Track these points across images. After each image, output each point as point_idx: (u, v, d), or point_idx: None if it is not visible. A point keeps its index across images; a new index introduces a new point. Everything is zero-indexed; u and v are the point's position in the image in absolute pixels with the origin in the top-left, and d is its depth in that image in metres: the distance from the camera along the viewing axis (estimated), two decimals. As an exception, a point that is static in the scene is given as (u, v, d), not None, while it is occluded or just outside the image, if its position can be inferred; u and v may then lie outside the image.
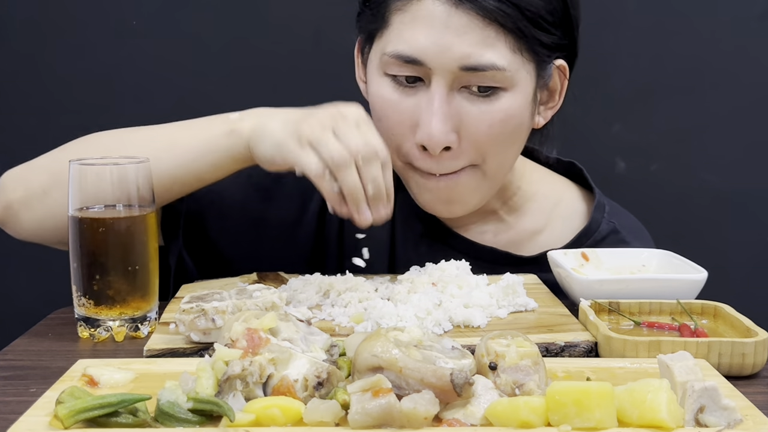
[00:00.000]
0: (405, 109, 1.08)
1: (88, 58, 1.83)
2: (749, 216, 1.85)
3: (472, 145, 1.07)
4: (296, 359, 0.70)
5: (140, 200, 0.95)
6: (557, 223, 1.25)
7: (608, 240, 1.22)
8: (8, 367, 0.86)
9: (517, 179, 1.25)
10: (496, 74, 1.04)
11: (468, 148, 1.08)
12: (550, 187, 1.28)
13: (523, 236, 1.24)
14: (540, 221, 1.25)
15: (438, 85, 1.04)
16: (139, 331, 0.95)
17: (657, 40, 1.80)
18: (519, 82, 1.07)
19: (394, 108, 1.08)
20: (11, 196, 1.08)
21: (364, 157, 0.94)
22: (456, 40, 1.02)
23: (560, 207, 1.26)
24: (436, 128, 1.04)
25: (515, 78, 1.06)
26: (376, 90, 1.11)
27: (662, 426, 0.63)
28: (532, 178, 1.27)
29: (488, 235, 1.23)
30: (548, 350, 0.87)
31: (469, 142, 1.07)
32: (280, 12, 1.83)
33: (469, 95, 1.06)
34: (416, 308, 0.94)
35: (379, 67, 1.10)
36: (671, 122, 1.83)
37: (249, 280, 1.12)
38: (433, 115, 1.04)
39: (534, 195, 1.26)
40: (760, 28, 1.79)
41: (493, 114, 1.06)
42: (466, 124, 1.06)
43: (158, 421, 0.66)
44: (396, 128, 1.09)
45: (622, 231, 1.24)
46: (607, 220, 1.23)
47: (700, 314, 0.96)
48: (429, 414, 0.64)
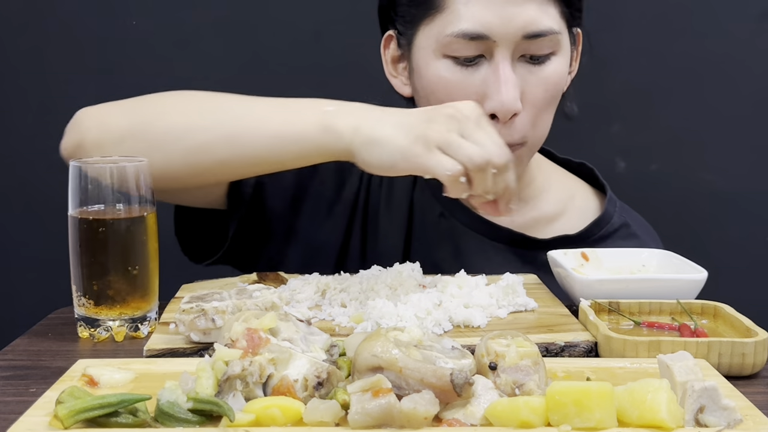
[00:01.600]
0: (470, 84, 1.11)
1: (88, 58, 1.83)
2: (749, 216, 1.85)
3: (530, 111, 1.12)
4: (296, 359, 0.70)
5: (140, 200, 0.96)
6: (573, 214, 1.28)
7: (620, 232, 1.26)
8: (8, 367, 0.86)
9: (534, 169, 1.28)
10: (552, 38, 1.10)
11: (526, 116, 1.12)
12: (564, 181, 1.32)
13: (540, 222, 1.27)
14: (557, 209, 1.28)
15: (502, 56, 1.09)
16: (139, 331, 0.95)
17: (657, 40, 1.80)
18: (565, 46, 1.14)
19: (459, 86, 1.11)
20: (86, 135, 1.07)
21: (500, 165, 0.95)
22: (516, 10, 1.08)
23: (575, 200, 1.30)
24: (507, 95, 1.08)
25: (563, 42, 1.13)
26: (435, 72, 1.13)
27: (662, 426, 0.63)
28: (548, 172, 1.31)
29: (505, 218, 1.24)
30: (548, 350, 0.87)
31: (527, 109, 1.12)
32: (280, 12, 1.83)
33: (526, 63, 1.11)
34: (416, 308, 0.94)
35: (437, 50, 1.12)
36: (671, 122, 1.83)
37: (249, 280, 1.12)
38: (504, 83, 1.08)
39: (550, 187, 1.29)
40: (760, 28, 1.79)
41: (548, 78, 1.12)
42: (527, 92, 1.11)
43: (158, 421, 0.66)
44: None
45: (632, 225, 1.28)
46: (618, 214, 1.28)
47: (700, 314, 0.96)
48: (429, 414, 0.64)
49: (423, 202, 1.25)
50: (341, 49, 1.80)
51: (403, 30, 1.17)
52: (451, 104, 0.99)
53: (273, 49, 1.84)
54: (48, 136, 1.85)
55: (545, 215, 1.27)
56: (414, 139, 0.95)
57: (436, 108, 0.99)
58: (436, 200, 1.25)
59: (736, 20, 1.79)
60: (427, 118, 0.97)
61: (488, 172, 0.94)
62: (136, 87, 1.83)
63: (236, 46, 1.83)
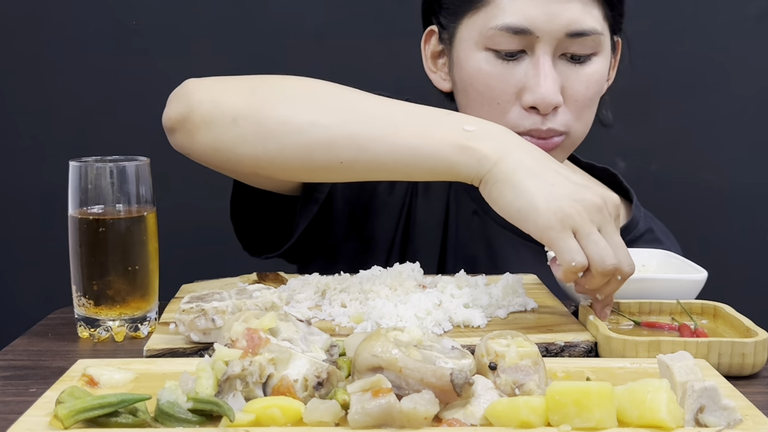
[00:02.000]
0: (510, 77, 1.13)
1: (88, 58, 1.83)
2: (749, 216, 1.85)
3: (571, 106, 1.14)
4: (296, 359, 0.70)
5: (140, 200, 0.96)
6: None
7: (645, 238, 1.28)
8: (8, 367, 0.86)
9: None
10: (595, 38, 1.12)
11: (567, 109, 1.14)
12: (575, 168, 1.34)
13: None
14: None
15: (544, 51, 1.11)
16: (139, 331, 0.95)
17: (657, 40, 1.80)
18: (606, 48, 1.16)
19: (499, 78, 1.13)
20: (196, 108, 1.01)
21: (624, 276, 0.89)
22: (561, 7, 1.10)
23: None
24: (547, 88, 1.10)
25: (605, 43, 1.15)
26: (475, 64, 1.14)
27: (662, 426, 0.63)
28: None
29: None
30: (548, 350, 0.87)
31: (569, 103, 1.14)
32: (280, 12, 1.83)
33: (567, 62, 1.14)
34: (416, 308, 0.94)
35: (479, 42, 1.14)
36: (671, 122, 1.83)
37: (249, 280, 1.12)
38: (544, 77, 1.11)
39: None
40: (760, 28, 1.79)
41: (590, 76, 1.14)
42: (567, 87, 1.13)
43: (158, 421, 0.66)
44: (501, 97, 1.14)
45: (656, 231, 1.30)
46: (644, 220, 1.30)
47: (700, 314, 0.96)
48: (429, 414, 0.64)
49: (458, 198, 1.27)
50: (342, 50, 1.80)
51: (446, 23, 1.20)
52: (600, 193, 0.91)
53: (273, 49, 1.84)
54: (48, 136, 1.85)
55: None
56: (554, 210, 0.88)
57: (586, 189, 0.91)
58: (470, 198, 1.26)
59: (736, 20, 1.79)
60: (575, 197, 0.89)
61: (611, 278, 0.89)
62: (136, 87, 1.84)
63: (236, 46, 1.84)
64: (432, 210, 1.27)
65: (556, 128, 1.13)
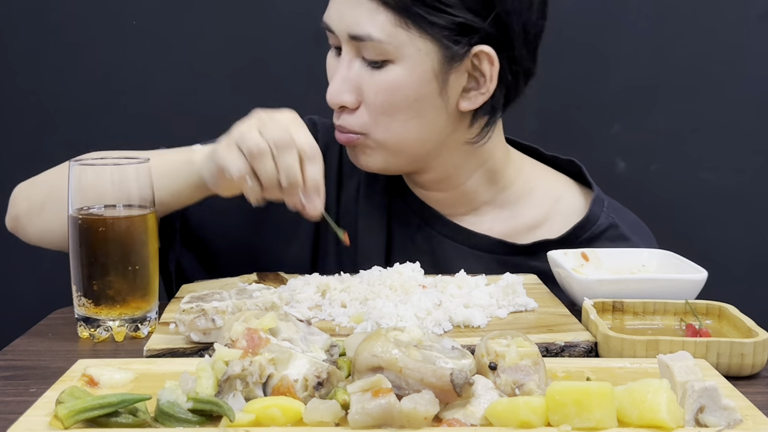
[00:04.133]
0: (332, 72, 1.17)
1: (88, 58, 1.83)
2: (749, 216, 1.85)
3: (368, 110, 1.14)
4: (296, 359, 0.70)
5: (140, 200, 0.95)
6: (557, 219, 1.25)
7: (607, 234, 1.23)
8: (8, 367, 0.86)
9: (514, 173, 1.26)
10: (376, 46, 1.10)
11: (364, 113, 1.14)
12: (551, 183, 1.29)
13: (521, 229, 1.25)
14: (538, 215, 1.26)
15: (344, 50, 1.14)
16: (139, 331, 0.95)
17: (657, 40, 1.80)
18: (407, 57, 1.10)
19: (329, 71, 1.18)
20: (18, 209, 1.17)
21: (278, 146, 0.98)
22: (346, 10, 1.12)
23: (561, 204, 1.27)
24: (333, 87, 1.14)
25: (401, 52, 1.10)
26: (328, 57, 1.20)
27: (662, 426, 0.63)
28: (532, 175, 1.28)
29: (483, 226, 1.25)
30: (548, 350, 0.87)
31: (365, 107, 1.14)
32: (280, 12, 1.83)
33: (363, 63, 1.13)
34: (416, 308, 0.94)
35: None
36: (671, 122, 1.83)
37: (249, 280, 1.12)
38: (334, 77, 1.15)
39: (532, 190, 1.27)
40: (760, 28, 1.79)
41: (379, 83, 1.12)
42: (364, 92, 1.13)
43: (158, 421, 0.66)
44: None
45: (621, 225, 1.24)
46: (606, 214, 1.24)
47: (705, 314, 0.96)
48: (429, 414, 0.64)
49: (401, 215, 1.26)
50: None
51: None
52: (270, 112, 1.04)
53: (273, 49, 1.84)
54: (48, 136, 1.85)
55: (527, 222, 1.25)
56: (222, 142, 1.01)
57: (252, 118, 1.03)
58: (412, 213, 1.25)
59: (736, 20, 1.79)
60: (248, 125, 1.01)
61: (267, 159, 0.98)
62: (136, 87, 1.84)
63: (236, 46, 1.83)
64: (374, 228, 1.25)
65: (345, 126, 1.15)
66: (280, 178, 0.99)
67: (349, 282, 1.05)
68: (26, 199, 1.16)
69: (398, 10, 1.08)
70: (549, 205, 1.26)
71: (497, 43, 1.12)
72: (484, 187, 1.24)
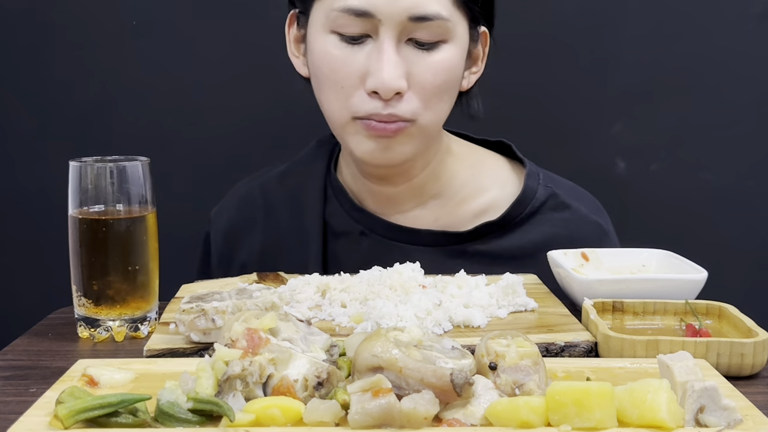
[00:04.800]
0: (353, 61, 1.10)
1: (88, 58, 1.83)
2: (749, 216, 1.85)
3: (418, 93, 1.11)
4: (296, 359, 0.70)
5: (140, 200, 0.95)
6: (500, 202, 1.25)
7: (548, 204, 1.24)
8: (8, 367, 0.86)
9: (455, 161, 1.27)
10: (441, 24, 1.08)
11: (414, 95, 1.11)
12: (491, 169, 1.30)
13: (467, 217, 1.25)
14: (483, 202, 1.26)
15: (387, 35, 1.08)
16: (139, 331, 0.95)
17: (657, 40, 1.80)
18: (457, 35, 1.12)
19: (343, 61, 1.11)
20: None
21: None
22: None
23: (506, 188, 1.27)
24: (388, 74, 1.07)
25: (455, 30, 1.11)
26: (321, 47, 1.12)
27: (662, 426, 0.63)
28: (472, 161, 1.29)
29: (429, 218, 1.25)
30: (548, 350, 0.87)
31: (415, 90, 1.11)
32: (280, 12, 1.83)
33: (414, 48, 1.10)
34: (416, 308, 0.94)
35: (325, 25, 1.12)
36: (671, 122, 1.83)
37: (249, 280, 1.12)
38: (385, 62, 1.08)
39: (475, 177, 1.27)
40: (760, 28, 1.79)
41: (437, 63, 1.10)
42: (414, 74, 1.10)
43: (158, 421, 0.66)
44: (345, 80, 1.11)
45: (560, 194, 1.25)
46: (543, 186, 1.25)
47: (705, 314, 0.96)
48: (429, 414, 0.64)
49: (340, 226, 1.26)
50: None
51: (302, 7, 1.18)
52: None
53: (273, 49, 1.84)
54: (48, 136, 1.85)
55: (472, 210, 1.25)
56: None
57: None
58: (354, 221, 1.25)
59: (736, 20, 1.79)
60: None
61: None
62: (136, 87, 1.83)
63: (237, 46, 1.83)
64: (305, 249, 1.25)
65: (398, 114, 1.10)
66: None
67: (349, 282, 1.05)
68: None
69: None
70: (492, 190, 1.27)
71: (489, 22, 1.18)
72: (431, 180, 1.25)
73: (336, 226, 1.26)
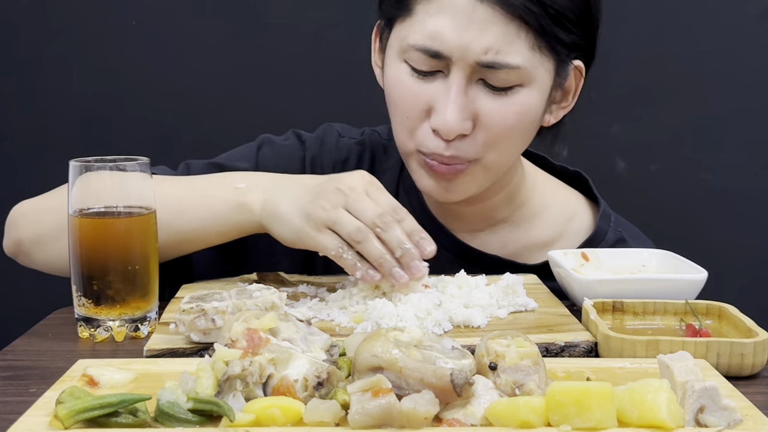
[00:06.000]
0: (422, 93, 1.08)
1: (88, 58, 1.83)
2: (749, 216, 1.85)
3: (484, 136, 1.08)
4: (296, 359, 0.70)
5: (140, 200, 0.95)
6: (569, 238, 1.25)
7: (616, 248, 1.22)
8: (8, 367, 0.86)
9: (529, 188, 1.25)
10: (511, 72, 1.04)
11: (480, 138, 1.08)
12: (564, 201, 1.28)
13: (533, 247, 1.24)
14: (552, 233, 1.25)
15: (456, 75, 1.05)
16: (139, 331, 0.95)
17: (657, 40, 1.80)
18: (537, 79, 1.07)
19: (411, 92, 1.09)
20: (22, 234, 1.11)
21: (383, 225, 0.97)
22: (477, 35, 1.03)
23: (573, 222, 1.26)
24: (451, 116, 1.05)
25: (533, 75, 1.06)
26: (395, 74, 1.11)
27: (662, 426, 0.63)
28: (546, 190, 1.27)
29: (496, 243, 1.23)
30: (548, 350, 0.87)
31: (482, 132, 1.08)
32: (280, 11, 1.83)
33: (484, 88, 1.06)
34: (416, 308, 0.94)
35: (399, 53, 1.10)
36: (671, 122, 1.83)
37: (249, 280, 1.12)
38: (450, 103, 1.05)
39: (548, 207, 1.26)
40: (760, 28, 1.79)
41: (508, 108, 1.07)
42: (482, 116, 1.07)
43: (158, 421, 0.66)
44: (411, 111, 1.10)
45: (628, 240, 1.24)
46: (613, 229, 1.24)
47: (705, 314, 0.96)
48: (429, 414, 0.64)
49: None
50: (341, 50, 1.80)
51: (386, 21, 1.15)
52: (337, 177, 1.02)
53: (273, 49, 1.84)
54: (48, 136, 1.85)
55: (540, 240, 1.24)
56: (306, 219, 1.00)
57: (326, 182, 1.02)
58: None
59: (736, 20, 1.79)
60: (316, 194, 1.00)
61: (371, 242, 0.97)
62: (136, 87, 1.84)
63: (237, 46, 1.83)
64: None
65: (460, 156, 1.08)
66: (395, 254, 0.97)
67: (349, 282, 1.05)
68: (34, 225, 1.10)
69: (538, 32, 1.04)
70: (562, 224, 1.26)
71: (587, 56, 1.13)
72: (504, 203, 1.23)
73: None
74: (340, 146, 1.27)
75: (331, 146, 1.27)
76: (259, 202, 1.04)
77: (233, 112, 1.83)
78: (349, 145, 1.28)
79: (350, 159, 1.26)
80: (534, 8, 1.02)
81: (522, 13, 1.02)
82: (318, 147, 1.26)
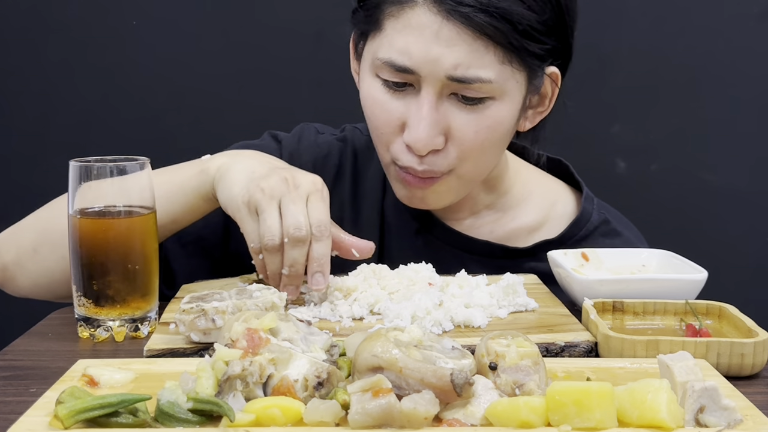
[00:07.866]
0: (394, 109, 1.09)
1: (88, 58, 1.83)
2: (749, 216, 1.85)
3: (457, 150, 1.09)
4: (296, 359, 0.70)
5: (140, 200, 0.95)
6: (554, 222, 1.27)
7: (600, 230, 1.25)
8: (8, 367, 0.86)
9: (512, 177, 1.27)
10: (482, 86, 1.04)
11: (453, 151, 1.09)
12: (547, 188, 1.30)
13: (520, 232, 1.26)
14: (538, 218, 1.27)
15: (427, 92, 1.05)
16: (139, 331, 0.95)
17: (657, 39, 1.80)
18: (508, 92, 1.07)
19: (384, 108, 1.09)
20: (5, 258, 1.11)
21: (292, 240, 0.96)
22: (445, 51, 1.03)
23: (557, 207, 1.28)
24: (423, 132, 1.05)
25: (504, 88, 1.06)
26: (367, 89, 1.12)
27: (662, 426, 0.63)
28: (528, 178, 1.29)
29: (484, 229, 1.25)
30: (548, 350, 0.87)
31: (455, 146, 1.08)
32: (280, 12, 1.83)
33: (457, 102, 1.07)
34: (416, 308, 0.94)
35: (371, 68, 1.10)
36: (671, 122, 1.83)
37: (249, 280, 1.12)
38: (422, 120, 1.05)
39: (530, 194, 1.28)
40: (760, 28, 1.80)
41: (480, 122, 1.07)
42: (454, 130, 1.07)
43: (158, 421, 0.66)
44: (384, 127, 1.10)
45: (612, 221, 1.26)
46: (597, 211, 1.26)
47: (705, 314, 0.96)
48: (429, 414, 0.64)
49: (396, 220, 1.25)
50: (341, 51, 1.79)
51: (359, 37, 1.16)
52: (295, 171, 1.02)
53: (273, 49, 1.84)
54: (48, 136, 1.85)
55: (526, 225, 1.26)
56: (244, 191, 0.99)
57: (283, 169, 1.02)
58: (411, 218, 1.24)
59: (736, 20, 1.79)
60: (265, 175, 1.00)
61: (275, 256, 0.98)
62: (136, 88, 1.84)
63: (237, 45, 1.84)
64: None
65: (434, 170, 1.09)
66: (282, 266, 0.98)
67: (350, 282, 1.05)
68: (14, 246, 1.10)
69: (507, 47, 1.03)
70: (547, 209, 1.27)
71: (563, 62, 1.13)
72: (485, 192, 1.25)
73: (392, 219, 1.25)
74: (320, 143, 1.28)
75: (309, 143, 1.27)
76: (217, 165, 1.05)
77: (233, 113, 1.83)
78: (330, 141, 1.28)
79: (331, 155, 1.27)
80: (500, 25, 1.02)
81: (488, 31, 1.02)
82: (296, 144, 1.27)
